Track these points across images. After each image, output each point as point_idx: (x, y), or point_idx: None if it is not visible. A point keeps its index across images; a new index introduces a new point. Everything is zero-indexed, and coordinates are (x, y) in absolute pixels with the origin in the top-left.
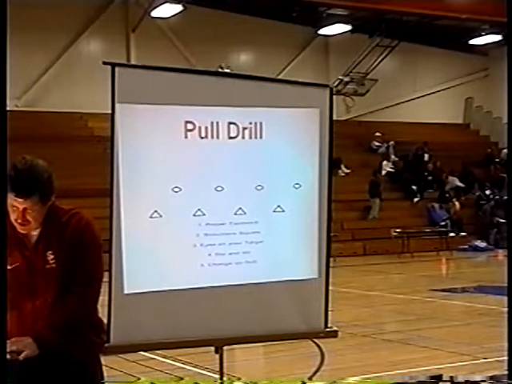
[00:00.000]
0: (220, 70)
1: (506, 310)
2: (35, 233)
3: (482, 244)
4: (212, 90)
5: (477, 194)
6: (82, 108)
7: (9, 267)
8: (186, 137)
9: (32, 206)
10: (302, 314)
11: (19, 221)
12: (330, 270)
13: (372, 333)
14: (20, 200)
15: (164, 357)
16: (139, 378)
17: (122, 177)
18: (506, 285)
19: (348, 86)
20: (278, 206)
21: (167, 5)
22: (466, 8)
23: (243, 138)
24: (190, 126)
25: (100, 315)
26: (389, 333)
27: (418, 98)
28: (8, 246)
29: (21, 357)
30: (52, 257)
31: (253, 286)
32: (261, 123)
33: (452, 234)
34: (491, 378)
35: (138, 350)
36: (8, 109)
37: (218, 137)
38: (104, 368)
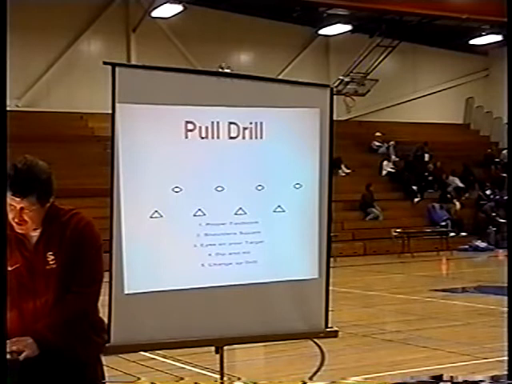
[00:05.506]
0: (220, 70)
1: (506, 309)
2: (35, 233)
3: (482, 244)
4: (212, 90)
5: (478, 193)
6: (82, 108)
7: (9, 268)
8: (186, 137)
9: (29, 205)
10: (303, 314)
11: (16, 220)
12: (331, 269)
13: (372, 333)
14: (17, 199)
15: (164, 357)
16: (139, 378)
17: (122, 177)
18: (506, 285)
19: (348, 86)
20: (279, 206)
21: (167, 5)
22: (466, 8)
23: (243, 138)
24: (190, 126)
25: (101, 315)
26: (389, 333)
27: (419, 97)
28: (8, 247)
29: (21, 357)
30: (52, 257)
31: (253, 286)
32: (261, 123)
33: (452, 234)
34: (491, 378)
35: (138, 350)
36: (8, 109)
37: (218, 137)
38: (104, 368)
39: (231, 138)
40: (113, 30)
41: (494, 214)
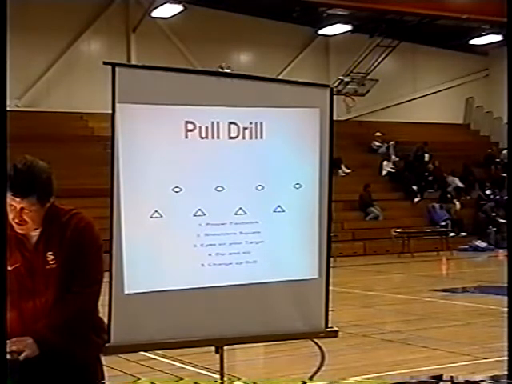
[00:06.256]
0: (220, 69)
1: (506, 309)
2: (35, 233)
3: (482, 244)
4: (212, 90)
5: (478, 193)
6: (82, 108)
7: (9, 268)
8: (186, 137)
9: (29, 206)
10: (303, 314)
11: (16, 220)
12: (330, 269)
13: (372, 333)
14: (17, 199)
15: (164, 357)
16: (139, 378)
17: (122, 177)
18: (506, 285)
19: (348, 86)
20: (279, 206)
21: (167, 5)
22: (466, 8)
23: (244, 138)
24: (190, 126)
25: (101, 315)
26: (389, 333)
27: (419, 97)
28: (8, 246)
29: (21, 357)
30: (52, 257)
31: (253, 286)
32: (261, 123)
33: (452, 234)
34: (491, 378)
35: (138, 350)
36: (8, 109)
37: (218, 137)
38: (104, 368)
39: (231, 137)
40: (113, 30)
41: (494, 214)
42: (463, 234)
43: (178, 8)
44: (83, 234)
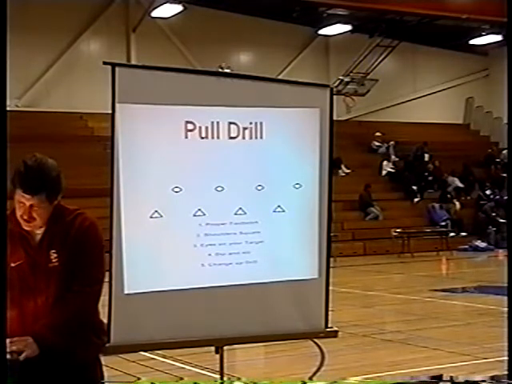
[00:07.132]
0: (220, 70)
1: (506, 309)
2: (40, 231)
3: (482, 244)
4: (212, 90)
5: (478, 193)
6: (82, 108)
7: (12, 265)
8: (186, 137)
9: (39, 203)
10: (303, 314)
11: (25, 217)
12: (330, 269)
13: (372, 333)
14: (27, 196)
15: (164, 357)
16: (139, 378)
17: (122, 177)
18: (506, 285)
19: (348, 86)
20: (279, 206)
21: (167, 5)
22: (466, 8)
23: (243, 138)
24: (190, 126)
25: (101, 316)
26: (389, 333)
27: (418, 98)
28: (12, 243)
29: (21, 357)
30: (55, 255)
31: (253, 286)
32: (261, 123)
33: (452, 234)
34: (491, 378)
35: (138, 350)
36: (8, 109)
37: (218, 137)
38: (104, 368)
39: (231, 137)
40: (113, 30)
41: (494, 214)
42: (463, 233)
43: (178, 8)
44: (87, 234)
